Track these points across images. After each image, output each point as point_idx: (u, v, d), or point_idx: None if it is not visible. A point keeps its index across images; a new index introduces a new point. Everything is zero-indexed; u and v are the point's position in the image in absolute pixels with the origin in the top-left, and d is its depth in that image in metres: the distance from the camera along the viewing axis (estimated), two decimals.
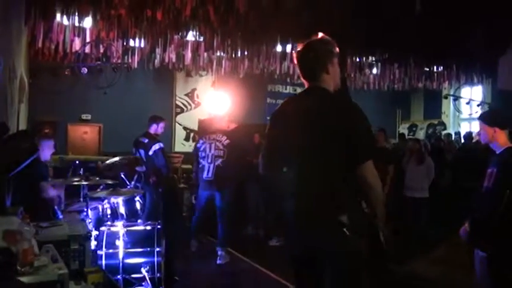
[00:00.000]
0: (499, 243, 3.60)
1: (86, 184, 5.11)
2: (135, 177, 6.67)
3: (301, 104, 2.68)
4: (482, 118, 3.95)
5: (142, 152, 7.14)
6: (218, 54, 10.90)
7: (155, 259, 4.66)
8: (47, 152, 5.26)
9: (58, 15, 8.20)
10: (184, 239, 6.93)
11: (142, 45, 9.93)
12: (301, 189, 2.55)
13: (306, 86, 2.75)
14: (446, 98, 15.50)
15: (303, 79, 2.76)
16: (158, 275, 4.62)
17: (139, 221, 5.47)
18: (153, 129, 7.30)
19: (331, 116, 2.54)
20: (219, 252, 6.50)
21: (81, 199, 5.32)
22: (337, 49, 2.74)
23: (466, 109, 15.39)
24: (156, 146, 7.13)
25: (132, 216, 5.74)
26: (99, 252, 4.55)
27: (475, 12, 6.36)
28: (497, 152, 3.80)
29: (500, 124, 3.78)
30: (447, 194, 8.90)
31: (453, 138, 12.97)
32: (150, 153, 7.09)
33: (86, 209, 4.87)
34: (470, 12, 6.75)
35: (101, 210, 5.31)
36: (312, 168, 2.52)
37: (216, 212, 6.68)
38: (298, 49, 2.76)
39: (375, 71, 13.12)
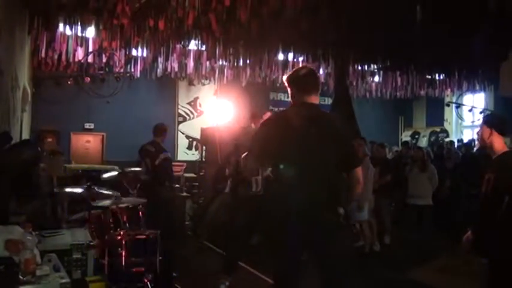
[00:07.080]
0: (501, 250, 3.58)
1: (89, 193, 5.10)
2: (138, 185, 6.65)
3: (305, 115, 3.23)
4: (483, 119, 4.18)
5: (148, 161, 7.13)
6: (220, 62, 10.93)
7: (158, 268, 4.65)
8: (56, 169, 5.06)
9: (61, 25, 8.24)
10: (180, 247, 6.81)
11: (144, 54, 9.97)
12: (310, 185, 3.12)
13: (299, 101, 3.32)
14: (448, 105, 15.50)
15: (301, 93, 3.33)
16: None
17: (142, 229, 5.44)
18: (162, 138, 7.29)
19: (332, 127, 3.28)
20: None
21: (84, 208, 5.30)
22: None
23: (469, 116, 15.36)
24: (163, 156, 7.11)
25: (134, 224, 5.72)
26: (101, 261, 4.54)
27: (475, 18, 6.36)
28: (494, 157, 3.77)
29: (497, 127, 3.75)
30: (449, 201, 8.89)
31: (456, 146, 12.93)
32: (157, 162, 7.07)
33: (88, 218, 4.87)
34: (471, 19, 6.76)
35: (103, 218, 5.29)
36: (319, 169, 3.15)
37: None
38: (303, 70, 3.45)
39: (377, 78, 13.12)
